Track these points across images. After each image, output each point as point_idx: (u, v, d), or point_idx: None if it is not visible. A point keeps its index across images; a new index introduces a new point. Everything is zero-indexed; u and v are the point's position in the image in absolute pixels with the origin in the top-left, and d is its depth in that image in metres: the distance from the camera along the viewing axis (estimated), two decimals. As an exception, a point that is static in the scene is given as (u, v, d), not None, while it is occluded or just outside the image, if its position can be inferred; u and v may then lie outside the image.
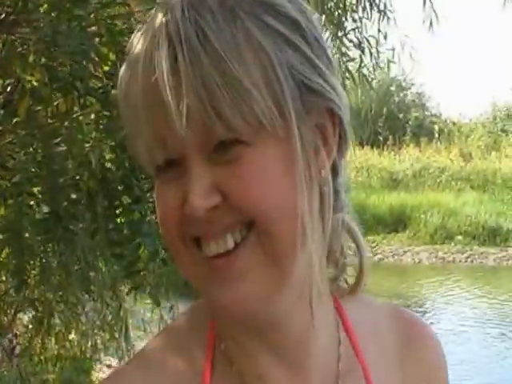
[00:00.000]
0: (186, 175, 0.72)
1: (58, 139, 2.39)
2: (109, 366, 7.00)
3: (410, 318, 0.95)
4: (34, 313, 5.64)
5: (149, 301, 6.44)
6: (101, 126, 2.46)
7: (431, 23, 5.33)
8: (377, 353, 0.88)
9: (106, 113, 2.46)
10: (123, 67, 0.76)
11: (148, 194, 2.38)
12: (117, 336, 5.78)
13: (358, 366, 0.85)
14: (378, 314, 0.93)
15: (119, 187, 2.42)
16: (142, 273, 2.45)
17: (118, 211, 2.45)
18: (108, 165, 2.42)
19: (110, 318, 5.49)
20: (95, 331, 6.01)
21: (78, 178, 2.32)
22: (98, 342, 6.07)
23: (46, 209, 2.29)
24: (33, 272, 4.29)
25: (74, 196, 2.31)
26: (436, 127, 24.29)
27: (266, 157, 0.71)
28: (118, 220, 2.44)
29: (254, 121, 0.69)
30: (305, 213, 0.73)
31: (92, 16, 2.44)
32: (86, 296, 5.23)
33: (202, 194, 0.71)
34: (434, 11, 5.25)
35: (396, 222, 16.63)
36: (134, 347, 6.00)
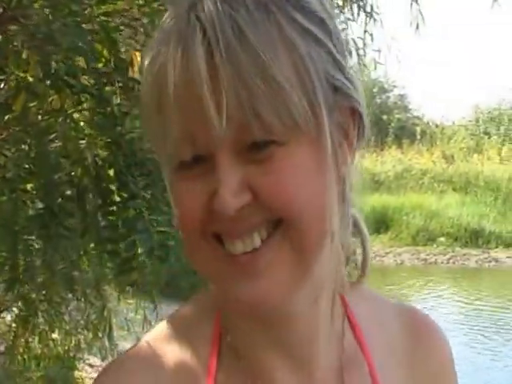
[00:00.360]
0: (214, 172, 0.71)
1: (52, 136, 2.38)
2: (91, 366, 6.97)
3: (420, 316, 0.95)
4: (17, 312, 5.60)
5: (132, 300, 6.42)
6: (94, 123, 2.44)
7: (418, 26, 5.37)
8: (382, 346, 0.89)
9: (100, 110, 2.44)
10: (148, 56, 0.74)
11: (143, 191, 2.37)
12: (100, 335, 5.76)
13: (362, 359, 0.86)
14: (384, 309, 0.93)
15: (113, 184, 2.40)
16: (136, 270, 2.44)
17: (112, 208, 2.44)
18: (103, 162, 2.41)
19: (93, 317, 5.47)
20: (79, 330, 5.98)
21: (73, 174, 2.31)
22: (82, 341, 6.04)
23: (40, 205, 2.27)
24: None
25: (68, 192, 2.30)
26: (418, 129, 24.44)
27: (297, 156, 0.72)
28: (113, 217, 2.43)
29: (289, 121, 0.70)
30: (332, 210, 0.74)
31: (86, 12, 2.42)
32: (70, 295, 5.21)
33: (233, 192, 0.70)
34: (421, 13, 5.29)
35: (378, 224, 16.73)
36: (117, 346, 5.98)
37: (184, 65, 0.69)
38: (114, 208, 2.42)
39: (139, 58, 2.78)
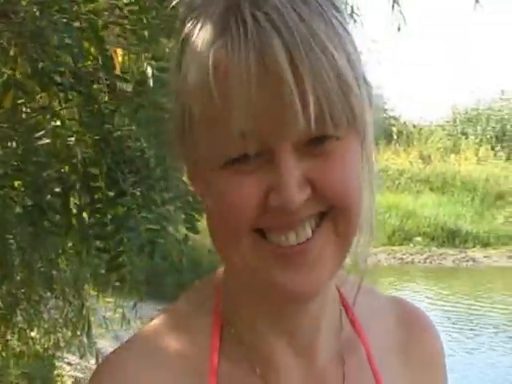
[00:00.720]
0: (273, 167, 0.72)
1: (41, 133, 2.38)
2: (69, 364, 6.95)
3: (413, 309, 0.98)
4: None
5: (110, 299, 6.40)
6: (82, 121, 2.45)
7: (399, 27, 5.40)
8: (378, 337, 0.91)
9: (87, 108, 2.45)
10: (205, 39, 0.72)
11: (132, 189, 2.38)
12: (79, 334, 5.75)
13: (360, 348, 0.88)
14: (378, 302, 0.96)
15: (102, 181, 2.41)
16: (126, 267, 2.45)
17: (99, 206, 2.45)
18: (91, 159, 2.42)
19: (72, 315, 5.46)
20: (58, 329, 5.96)
21: (62, 171, 2.32)
22: (61, 339, 6.02)
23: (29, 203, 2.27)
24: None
25: (58, 190, 2.30)
26: (395, 129, 24.56)
27: (351, 150, 0.75)
28: (100, 215, 2.44)
29: (352, 117, 0.72)
30: (365, 197, 0.79)
31: (74, 10, 2.42)
32: (49, 294, 5.18)
33: (297, 186, 0.71)
34: (402, 14, 5.32)
35: (355, 223, 16.74)
36: (95, 345, 5.97)
37: (259, 59, 0.69)
38: (102, 205, 2.43)
39: (120, 57, 2.79)
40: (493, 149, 21.26)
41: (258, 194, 0.73)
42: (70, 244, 3.69)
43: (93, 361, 5.88)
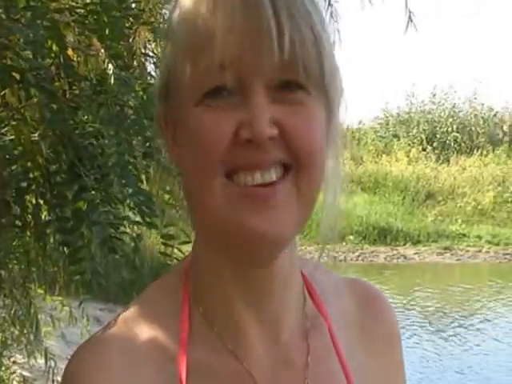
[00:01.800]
0: (246, 104, 0.76)
1: (5, 129, 2.40)
2: (15, 362, 6.85)
3: (372, 290, 1.03)
4: None
5: (58, 297, 6.34)
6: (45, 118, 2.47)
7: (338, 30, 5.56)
8: (337, 313, 0.95)
9: (50, 105, 2.47)
10: None
11: (95, 184, 2.41)
12: (26, 332, 5.68)
13: (323, 324, 0.91)
14: (336, 280, 1.00)
15: (63, 176, 2.45)
16: (86, 261, 2.49)
17: (61, 201, 2.48)
18: (53, 155, 2.45)
19: (20, 313, 5.39)
20: (6, 327, 5.87)
21: (28, 166, 2.34)
22: (8, 337, 5.94)
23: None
24: None
25: (23, 184, 2.33)
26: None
27: (319, 107, 0.80)
28: (60, 210, 2.47)
29: (321, 74, 0.79)
30: (329, 162, 0.84)
31: (39, 7, 2.44)
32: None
33: (267, 121, 0.76)
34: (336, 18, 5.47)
35: (288, 223, 16.86)
36: (42, 343, 5.91)
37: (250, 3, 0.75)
38: (64, 200, 2.46)
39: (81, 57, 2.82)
40: (423, 150, 21.86)
41: (229, 128, 0.76)
42: (17, 243, 3.67)
43: (40, 360, 5.82)
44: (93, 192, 2.31)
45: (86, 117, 2.45)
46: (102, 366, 0.83)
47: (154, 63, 3.21)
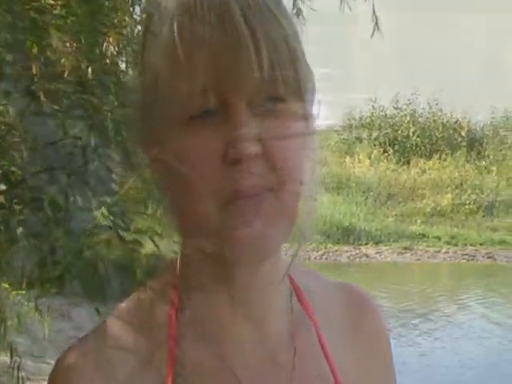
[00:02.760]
0: (230, 123, 0.78)
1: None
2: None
3: (359, 292, 1.03)
4: None
5: (22, 291, 6.27)
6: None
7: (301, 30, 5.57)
8: (326, 317, 0.95)
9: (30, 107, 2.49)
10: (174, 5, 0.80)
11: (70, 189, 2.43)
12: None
13: (310, 326, 0.92)
14: (326, 285, 1.01)
15: (42, 179, 2.46)
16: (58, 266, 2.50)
17: (38, 204, 2.49)
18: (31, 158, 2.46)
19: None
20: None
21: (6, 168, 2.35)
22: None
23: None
24: None
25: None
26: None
27: (297, 114, 0.83)
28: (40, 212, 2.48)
29: (297, 87, 0.81)
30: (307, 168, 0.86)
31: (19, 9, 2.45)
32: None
33: (252, 139, 0.77)
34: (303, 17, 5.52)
35: (252, 223, 16.87)
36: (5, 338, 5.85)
37: (220, 19, 0.77)
38: (41, 204, 2.47)
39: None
40: (385, 152, 22.14)
41: (218, 148, 0.78)
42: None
43: (5, 356, 5.78)
44: (70, 198, 2.32)
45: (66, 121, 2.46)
46: (89, 369, 0.84)
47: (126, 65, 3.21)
